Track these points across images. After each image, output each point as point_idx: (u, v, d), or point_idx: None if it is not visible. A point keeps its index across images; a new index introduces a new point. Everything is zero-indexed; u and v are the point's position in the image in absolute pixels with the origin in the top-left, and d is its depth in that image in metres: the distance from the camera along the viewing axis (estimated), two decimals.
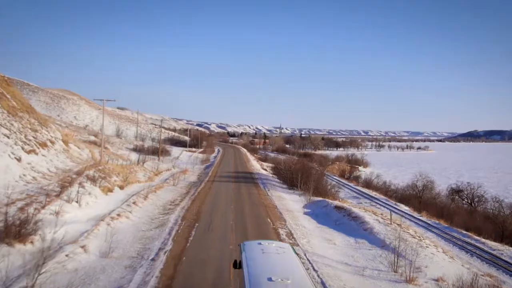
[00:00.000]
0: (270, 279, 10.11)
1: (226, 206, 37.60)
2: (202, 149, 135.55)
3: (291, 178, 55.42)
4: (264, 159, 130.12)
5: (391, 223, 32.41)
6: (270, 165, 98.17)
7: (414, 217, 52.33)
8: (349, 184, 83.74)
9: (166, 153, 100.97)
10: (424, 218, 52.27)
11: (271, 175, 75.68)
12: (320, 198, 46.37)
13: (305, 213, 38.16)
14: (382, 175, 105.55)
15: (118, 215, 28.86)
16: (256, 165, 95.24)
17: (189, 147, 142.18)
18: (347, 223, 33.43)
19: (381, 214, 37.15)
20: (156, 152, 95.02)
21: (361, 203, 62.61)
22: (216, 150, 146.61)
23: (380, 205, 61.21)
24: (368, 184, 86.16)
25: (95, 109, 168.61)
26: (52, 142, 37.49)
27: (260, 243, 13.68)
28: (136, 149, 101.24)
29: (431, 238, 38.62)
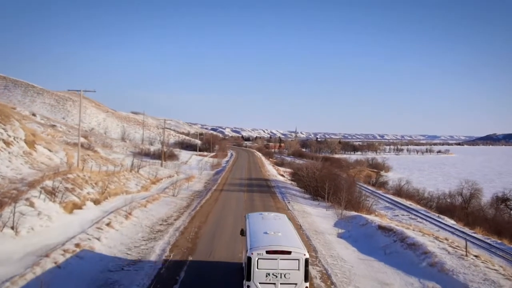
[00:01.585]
0: (265, 233, 14.94)
1: (234, 226, 28.49)
2: (213, 153, 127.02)
3: (316, 187, 46.16)
4: (280, 163, 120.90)
5: (466, 255, 22.92)
6: (288, 170, 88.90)
7: (468, 235, 42.49)
8: (377, 191, 73.83)
9: (173, 157, 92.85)
10: (479, 236, 42.46)
11: (289, 182, 66.45)
12: (354, 213, 37.03)
13: (340, 236, 28.87)
14: (411, 181, 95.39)
15: (77, 245, 20.06)
16: (272, 171, 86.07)
17: (200, 151, 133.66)
18: (402, 253, 24.03)
19: (446, 240, 27.57)
20: (164, 156, 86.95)
21: (397, 215, 53.01)
22: (229, 154, 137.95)
23: (422, 218, 51.45)
24: (398, 191, 76.19)
25: (102, 112, 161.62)
26: (8, 143, 29.09)
27: (261, 214, 18.97)
28: (141, 153, 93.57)
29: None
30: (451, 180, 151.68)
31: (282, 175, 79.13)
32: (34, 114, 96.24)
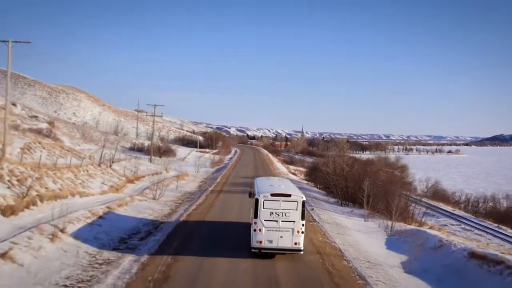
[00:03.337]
0: (271, 186, 18.01)
1: (234, 253, 17.33)
2: (216, 150, 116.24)
3: (345, 188, 35.11)
4: (289, 162, 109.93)
5: None
6: (300, 168, 78.03)
7: None
8: (407, 193, 62.37)
9: (170, 153, 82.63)
10: None
11: (305, 181, 55.42)
12: (407, 226, 26.14)
13: (409, 270, 17.62)
14: (441, 180, 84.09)
15: None
16: (282, 168, 75.01)
17: (202, 147, 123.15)
18: None
19: None
20: (160, 151, 76.83)
21: (445, 225, 41.86)
22: (233, 151, 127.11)
23: (478, 229, 40.24)
24: (432, 193, 64.83)
25: (98, 105, 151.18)
26: None
27: (267, 177, 24.49)
28: (134, 148, 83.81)
29: None
30: (470, 180, 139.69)
31: (294, 174, 68.12)
32: (14, 104, 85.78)
